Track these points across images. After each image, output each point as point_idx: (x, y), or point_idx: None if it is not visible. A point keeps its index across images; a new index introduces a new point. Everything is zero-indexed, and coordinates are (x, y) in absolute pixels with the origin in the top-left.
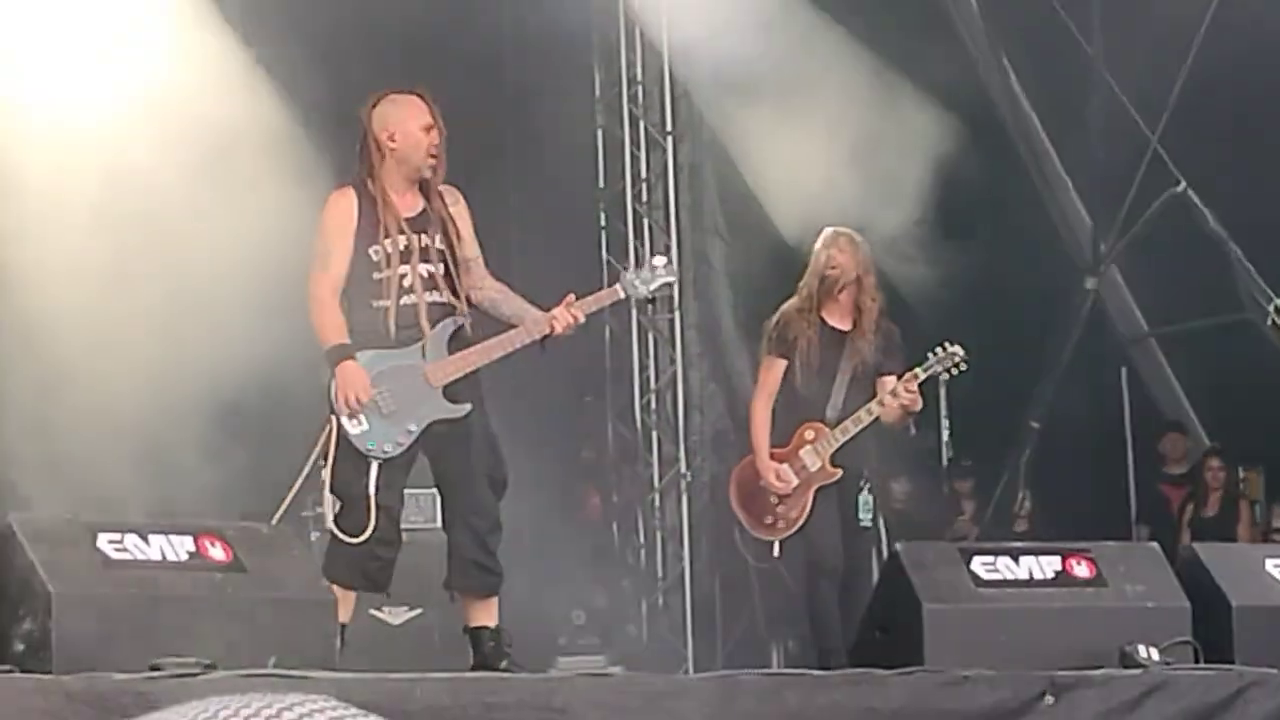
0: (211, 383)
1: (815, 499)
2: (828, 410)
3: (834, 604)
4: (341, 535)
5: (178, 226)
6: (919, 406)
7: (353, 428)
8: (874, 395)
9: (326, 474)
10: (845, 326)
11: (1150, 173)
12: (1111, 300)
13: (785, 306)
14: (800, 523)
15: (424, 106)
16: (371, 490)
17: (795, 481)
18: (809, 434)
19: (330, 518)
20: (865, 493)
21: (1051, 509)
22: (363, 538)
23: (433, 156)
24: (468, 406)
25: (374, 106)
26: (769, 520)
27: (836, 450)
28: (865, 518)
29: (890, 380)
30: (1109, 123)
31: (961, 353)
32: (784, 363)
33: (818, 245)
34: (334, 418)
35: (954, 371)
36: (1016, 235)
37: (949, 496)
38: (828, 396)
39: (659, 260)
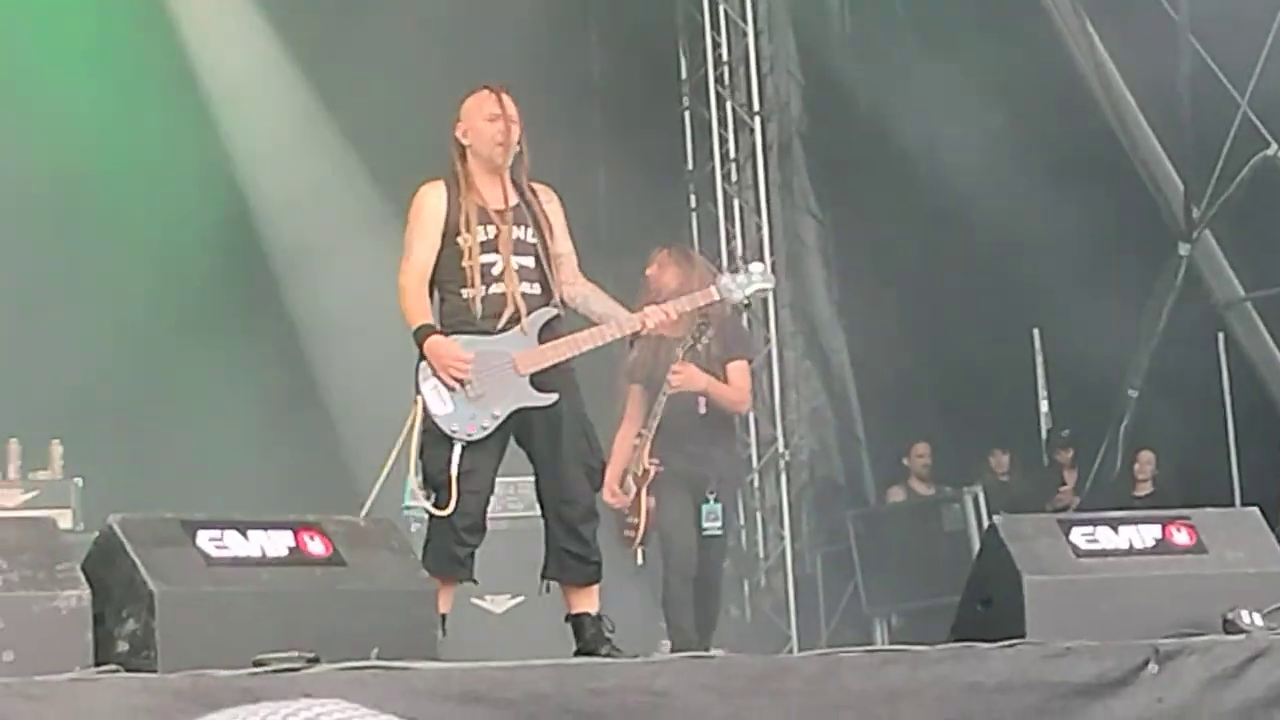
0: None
1: (660, 500)
2: (654, 410)
3: (686, 602)
4: (434, 510)
5: None
6: (697, 384)
7: (438, 409)
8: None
9: (418, 465)
10: (670, 333)
11: (1240, 136)
12: (1206, 265)
13: None
14: (642, 528)
15: (491, 97)
16: (454, 471)
17: (633, 490)
18: (636, 442)
19: (426, 502)
20: (712, 503)
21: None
22: (447, 513)
23: (500, 145)
24: (554, 396)
25: (461, 104)
26: (626, 534)
27: (654, 445)
28: (712, 527)
29: (732, 366)
30: (1197, 88)
31: (704, 321)
32: (637, 387)
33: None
34: (419, 399)
35: (702, 338)
36: (1108, 203)
37: (1049, 468)
38: (652, 405)
39: (756, 267)
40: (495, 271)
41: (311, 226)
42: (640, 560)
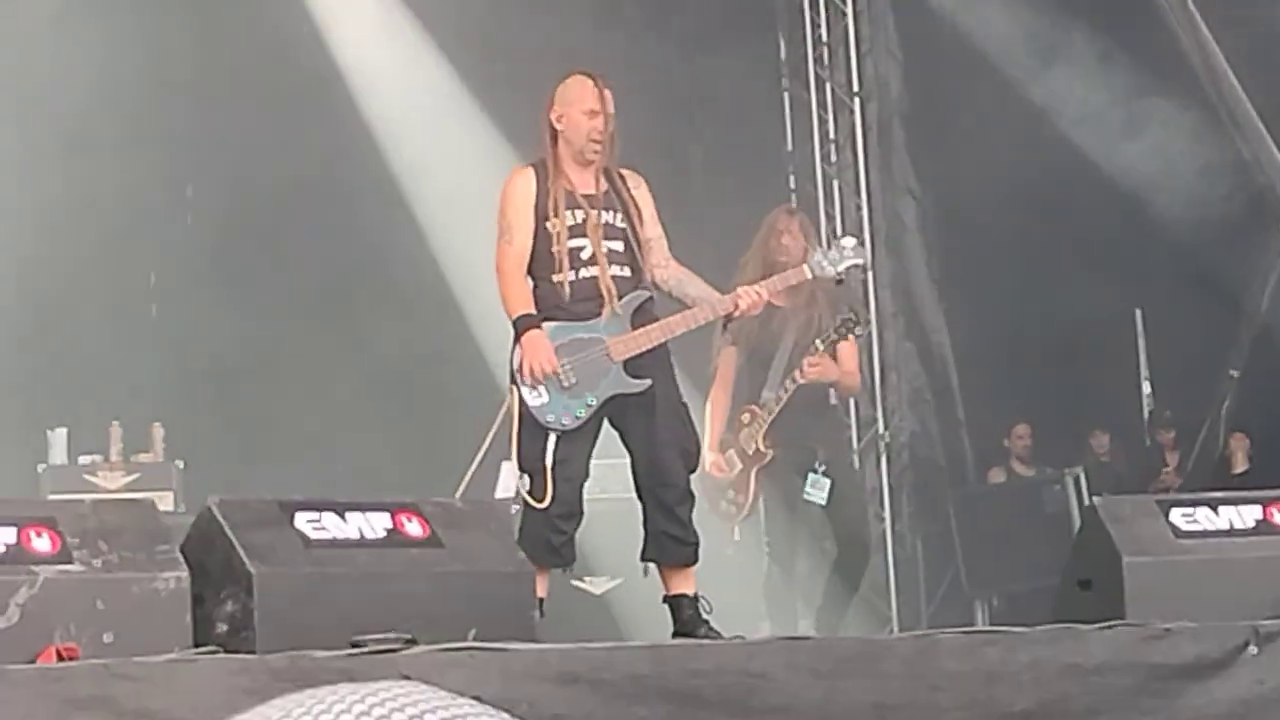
0: (391, 359)
1: (758, 482)
2: (764, 390)
3: (787, 589)
4: (530, 501)
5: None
6: (831, 375)
7: (532, 399)
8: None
9: (513, 447)
10: (781, 302)
11: None
12: None
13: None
14: (748, 506)
15: (594, 91)
16: (549, 461)
17: (738, 466)
18: (745, 418)
19: (522, 490)
20: (819, 474)
21: (1255, 457)
22: (544, 505)
23: (596, 141)
24: (648, 381)
25: (558, 85)
26: (722, 506)
27: (771, 429)
28: (815, 494)
29: (843, 345)
30: None
31: (853, 316)
32: (735, 349)
33: (767, 228)
34: (514, 388)
35: (849, 334)
36: (1210, 182)
37: (1151, 449)
38: (765, 376)
39: (848, 241)
40: (585, 256)
41: (439, 201)
42: (736, 536)
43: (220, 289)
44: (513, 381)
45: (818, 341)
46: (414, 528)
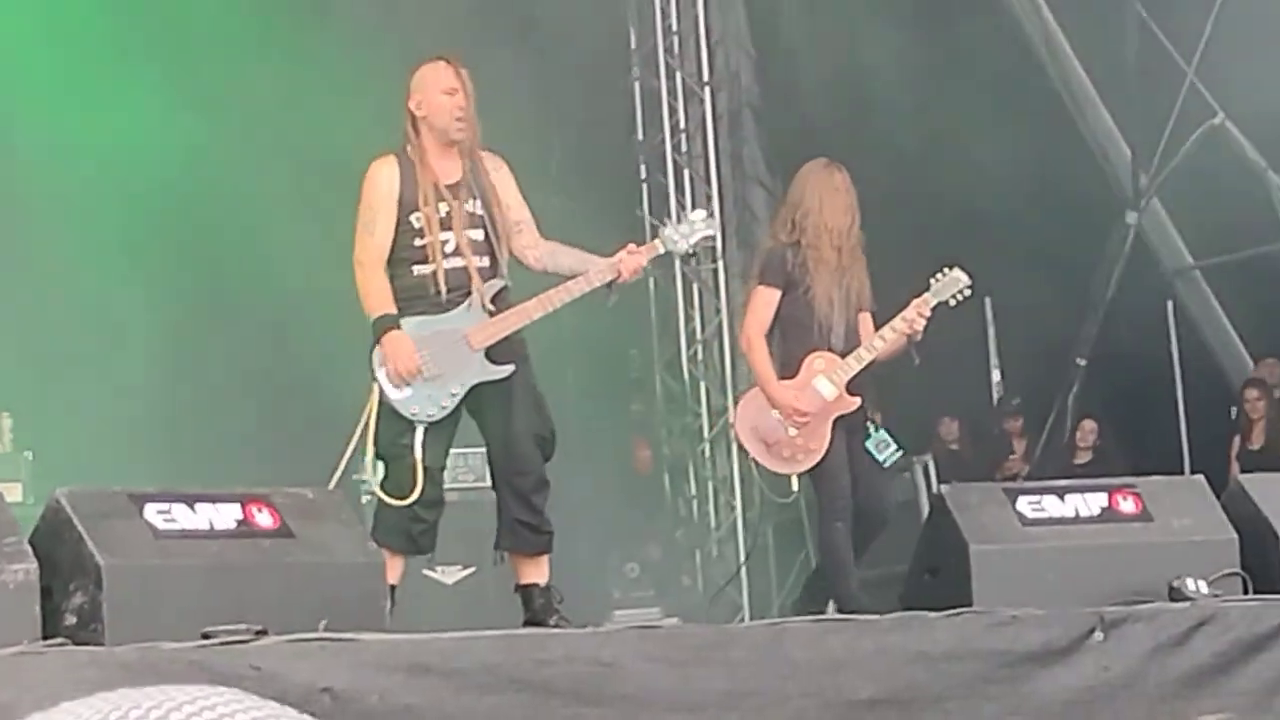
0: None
1: (833, 432)
2: (832, 340)
3: (848, 547)
4: (388, 499)
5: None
6: (920, 335)
7: (395, 393)
8: (859, 329)
9: (369, 438)
10: (848, 262)
11: (1187, 105)
12: (1154, 234)
13: (773, 238)
14: (820, 454)
15: (449, 70)
16: (418, 453)
17: (813, 409)
18: (819, 363)
19: (376, 482)
20: (875, 431)
21: (1100, 444)
22: (410, 500)
23: (459, 120)
24: (510, 368)
25: (411, 75)
26: (786, 453)
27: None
28: (887, 454)
29: (869, 318)
30: (1145, 56)
31: (966, 279)
32: (778, 293)
33: (827, 189)
34: (376, 383)
35: (960, 298)
36: (1056, 171)
37: (999, 436)
38: (829, 327)
39: (697, 214)
40: (449, 249)
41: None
42: (795, 487)
43: (66, 274)
44: (374, 378)
45: (928, 295)
46: (264, 518)
